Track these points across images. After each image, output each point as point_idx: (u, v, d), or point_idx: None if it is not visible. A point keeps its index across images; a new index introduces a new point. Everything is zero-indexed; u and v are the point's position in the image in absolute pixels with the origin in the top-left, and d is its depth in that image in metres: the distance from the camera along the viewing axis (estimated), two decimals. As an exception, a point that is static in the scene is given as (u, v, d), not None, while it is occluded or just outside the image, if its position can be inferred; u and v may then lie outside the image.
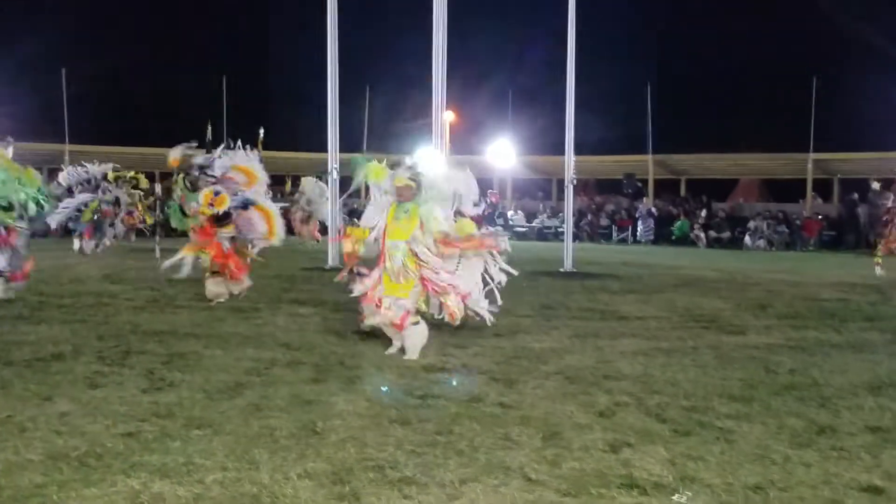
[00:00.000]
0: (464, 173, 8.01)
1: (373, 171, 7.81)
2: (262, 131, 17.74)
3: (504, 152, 34.25)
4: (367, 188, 8.21)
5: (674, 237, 30.25)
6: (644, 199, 33.46)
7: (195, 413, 5.43)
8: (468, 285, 7.81)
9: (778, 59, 38.67)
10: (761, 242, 28.94)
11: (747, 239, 29.22)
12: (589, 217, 32.91)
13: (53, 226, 17.34)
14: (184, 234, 12.02)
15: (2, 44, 34.54)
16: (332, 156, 16.95)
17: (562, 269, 16.65)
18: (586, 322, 9.72)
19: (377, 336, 8.04)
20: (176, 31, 41.50)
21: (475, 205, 8.10)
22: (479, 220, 27.95)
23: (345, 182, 22.98)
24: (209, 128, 17.12)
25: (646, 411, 5.70)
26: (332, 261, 16.16)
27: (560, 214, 28.35)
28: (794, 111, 33.45)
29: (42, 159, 24.41)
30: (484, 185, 36.34)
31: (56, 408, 5.47)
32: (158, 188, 25.90)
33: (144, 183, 22.13)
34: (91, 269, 14.64)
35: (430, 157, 12.90)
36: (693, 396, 6.13)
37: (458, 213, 7.95)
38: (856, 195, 29.61)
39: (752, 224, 29.76)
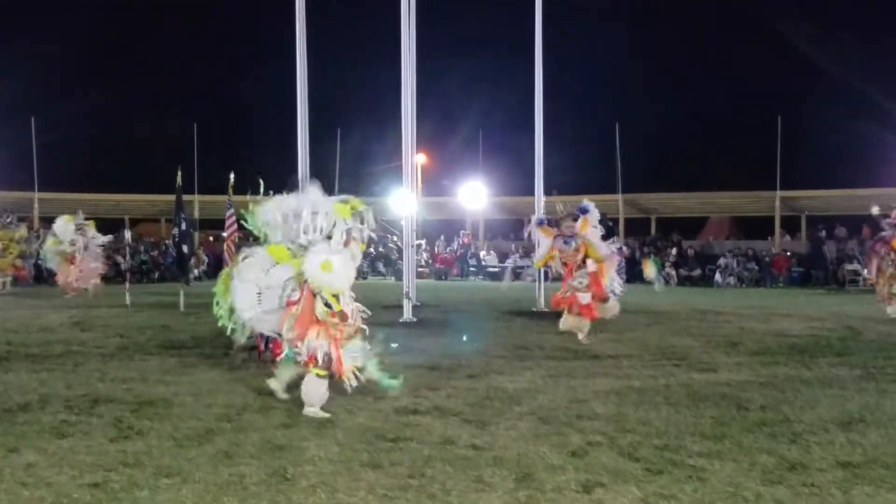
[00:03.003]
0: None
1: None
2: (232, 176, 17.70)
3: (475, 193, 34.44)
4: None
5: (646, 278, 30.34)
6: (615, 238, 33.66)
7: (164, 461, 5.35)
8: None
9: (744, 99, 39.40)
10: (731, 279, 29.17)
11: (717, 276, 29.44)
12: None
13: None
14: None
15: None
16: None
17: (535, 309, 16.70)
18: (560, 362, 9.72)
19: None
20: (146, 78, 41.57)
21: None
22: (452, 261, 28.16)
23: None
24: (179, 174, 17.06)
25: (618, 451, 5.69)
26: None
27: (532, 254, 28.43)
28: (761, 150, 33.98)
29: (12, 207, 24.20)
30: (456, 226, 36.64)
31: (22, 459, 5.38)
32: (128, 234, 25.79)
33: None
34: (62, 317, 14.46)
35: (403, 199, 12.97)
36: (665, 435, 6.14)
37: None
38: (823, 232, 30.02)
39: (722, 261, 30.00)
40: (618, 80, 40.73)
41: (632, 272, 30.74)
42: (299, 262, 6.89)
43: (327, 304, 6.80)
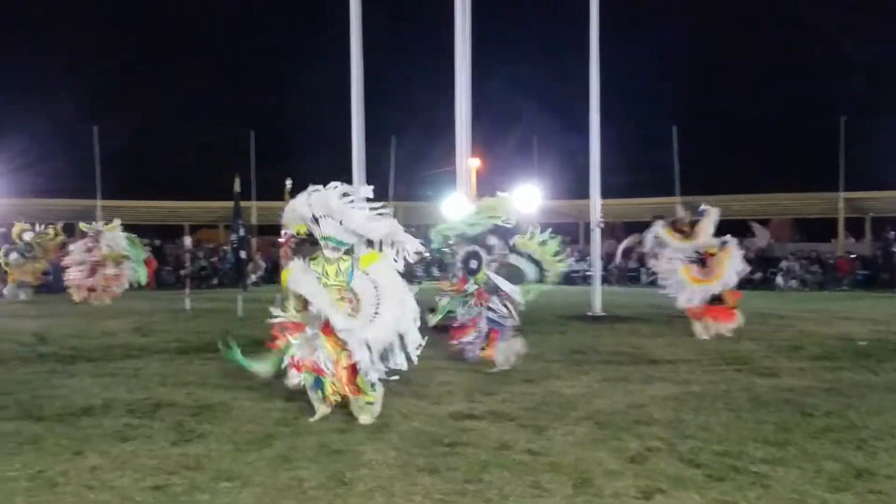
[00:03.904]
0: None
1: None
2: (289, 182, 17.88)
3: (530, 197, 34.28)
4: None
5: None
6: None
7: (224, 465, 5.42)
8: None
9: (806, 98, 38.64)
10: (793, 282, 28.61)
11: (779, 279, 28.89)
12: (617, 260, 32.71)
13: None
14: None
15: (37, 104, 35.43)
16: (359, 204, 17.04)
17: (590, 313, 16.56)
18: (616, 366, 9.63)
19: (402, 383, 8.01)
20: (204, 87, 42.28)
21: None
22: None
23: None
24: (237, 180, 17.28)
25: (678, 457, 5.61)
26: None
27: (587, 258, 28.23)
28: (824, 150, 33.29)
29: (75, 215, 24.80)
30: (510, 229, 36.51)
31: (86, 462, 5.49)
32: (188, 241, 26.21)
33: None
34: (122, 323, 14.75)
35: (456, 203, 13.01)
36: (726, 441, 6.03)
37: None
38: (892, 233, 29.25)
39: (784, 264, 29.44)
40: (675, 80, 40.22)
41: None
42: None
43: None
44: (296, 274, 6.70)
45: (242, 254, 18.08)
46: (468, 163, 16.04)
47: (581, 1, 17.74)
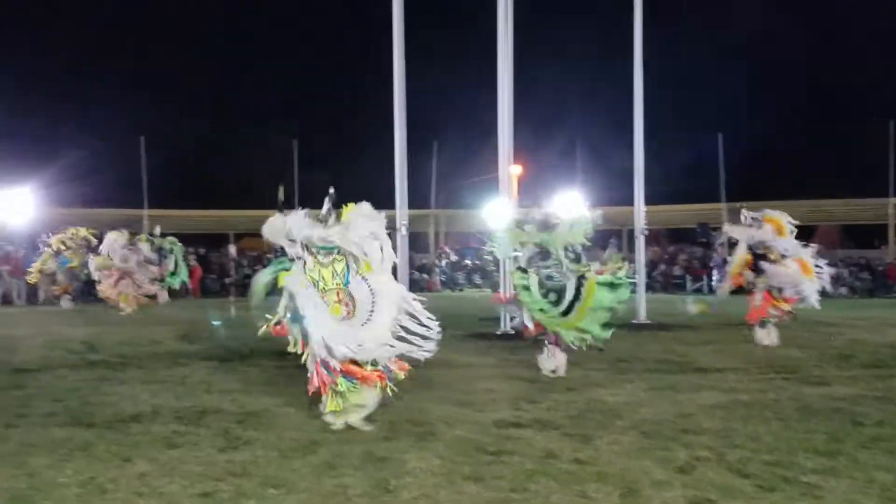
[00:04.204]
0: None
1: None
2: (332, 190, 18.00)
3: (571, 203, 34.10)
4: None
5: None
6: (717, 248, 32.85)
7: (270, 472, 5.45)
8: None
9: (854, 102, 38.02)
10: (843, 290, 28.13)
11: (828, 286, 28.38)
12: (661, 267, 32.44)
13: None
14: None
15: (85, 115, 36.10)
16: (401, 212, 17.08)
17: (635, 321, 16.40)
18: (662, 374, 9.53)
19: (446, 390, 8.03)
20: (248, 97, 42.75)
21: None
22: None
23: (413, 238, 23.20)
24: (281, 189, 17.41)
25: (727, 466, 5.52)
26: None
27: (631, 265, 28.04)
28: (873, 154, 32.73)
29: (122, 224, 25.18)
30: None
31: (135, 468, 5.55)
32: (233, 249, 26.49)
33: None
34: (169, 331, 14.93)
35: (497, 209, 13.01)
36: (776, 451, 5.93)
37: None
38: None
39: (832, 271, 28.94)
40: (720, 85, 39.81)
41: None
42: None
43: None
44: (292, 283, 6.75)
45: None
46: (510, 169, 16.00)
47: (625, 5, 17.64)
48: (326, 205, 7.26)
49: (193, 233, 33.63)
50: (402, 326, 6.95)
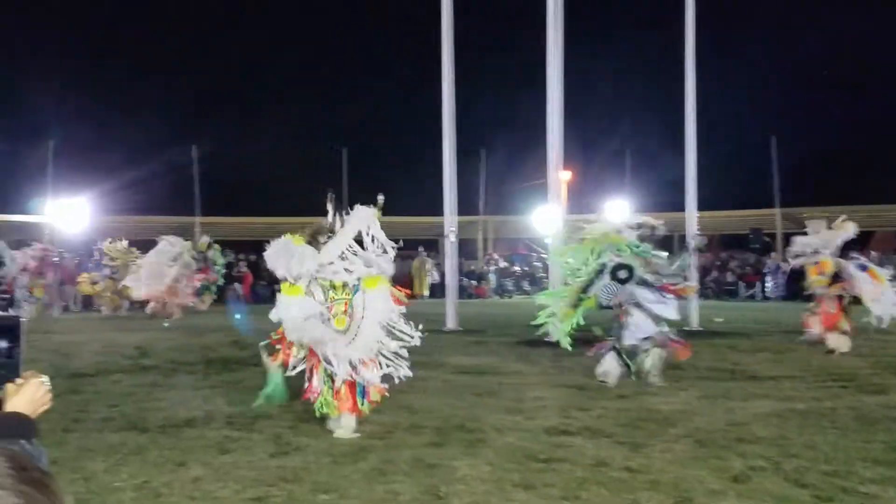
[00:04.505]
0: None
1: None
2: (381, 198, 18.09)
3: (622, 210, 33.85)
4: None
5: (807, 293, 28.96)
6: (772, 254, 32.35)
7: (321, 477, 5.47)
8: None
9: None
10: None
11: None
12: (714, 274, 32.01)
13: None
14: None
15: (137, 124, 36.74)
16: (450, 219, 17.12)
17: (687, 328, 16.18)
18: (715, 382, 9.39)
19: (495, 398, 8.00)
20: (297, 106, 43.14)
21: None
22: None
23: (462, 245, 23.22)
24: (330, 196, 17.54)
25: (784, 476, 5.42)
26: (450, 324, 16.19)
27: (683, 272, 27.71)
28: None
29: (175, 231, 25.59)
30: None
31: (189, 473, 5.61)
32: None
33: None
34: (220, 336, 15.10)
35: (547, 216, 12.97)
36: (834, 460, 5.80)
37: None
38: None
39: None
40: (774, 88, 39.22)
41: (792, 289, 29.57)
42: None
43: None
44: (283, 299, 6.90)
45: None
46: (559, 175, 15.93)
47: (676, 9, 17.49)
48: (331, 211, 7.51)
49: (244, 240, 34.03)
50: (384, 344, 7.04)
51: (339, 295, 6.98)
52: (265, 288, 29.38)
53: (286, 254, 7.01)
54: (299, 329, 6.78)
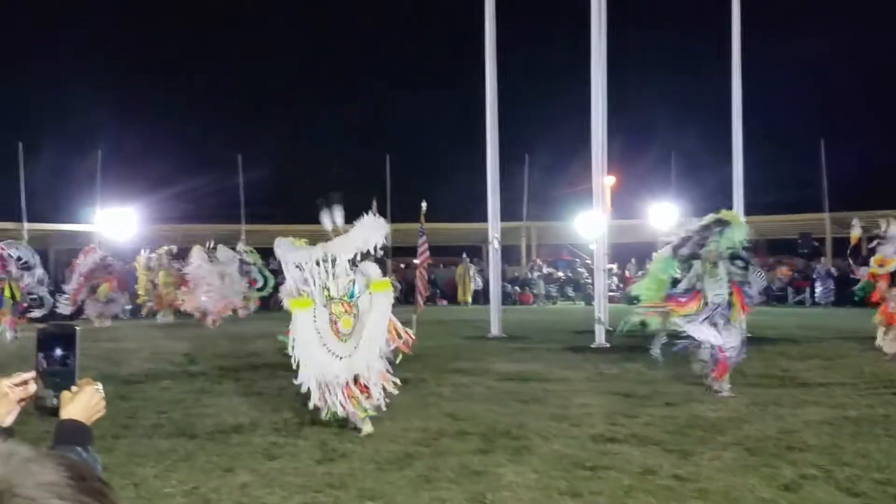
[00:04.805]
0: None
1: None
2: (424, 204, 18.16)
3: (666, 214, 33.53)
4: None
5: (857, 298, 28.44)
6: (822, 259, 31.82)
7: (367, 484, 5.48)
8: None
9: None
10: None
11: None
12: (764, 280, 31.54)
13: None
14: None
15: (182, 134, 37.30)
16: (493, 225, 17.09)
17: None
18: (764, 389, 9.24)
19: (541, 405, 7.95)
20: (342, 113, 43.46)
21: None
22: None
23: (505, 251, 23.17)
24: (374, 204, 17.63)
25: (836, 485, 5.32)
26: (494, 330, 16.15)
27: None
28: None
29: (220, 239, 25.88)
30: (647, 248, 35.79)
31: (237, 479, 5.65)
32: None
33: None
34: (266, 343, 15.21)
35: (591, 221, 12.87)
36: (887, 469, 5.68)
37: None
38: None
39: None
40: (822, 90, 38.57)
41: (842, 293, 29.04)
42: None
43: None
44: (298, 315, 7.33)
45: (379, 275, 18.39)
46: (604, 181, 15.82)
47: (721, 11, 17.30)
48: (328, 217, 7.77)
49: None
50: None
51: (337, 295, 7.28)
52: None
53: (289, 248, 7.55)
54: (303, 354, 7.26)
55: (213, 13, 43.63)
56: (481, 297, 27.94)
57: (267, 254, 20.87)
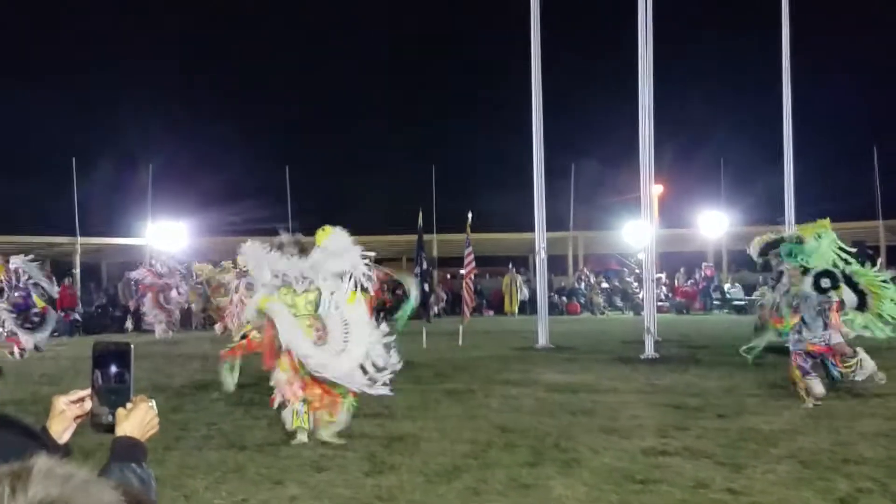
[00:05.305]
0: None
1: None
2: (470, 215, 18.20)
3: (716, 223, 33.14)
4: None
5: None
6: (877, 267, 31.18)
7: (415, 497, 5.47)
8: None
9: None
10: None
11: None
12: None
13: None
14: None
15: (232, 148, 37.79)
16: (540, 235, 17.03)
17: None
18: (820, 401, 9.05)
19: (590, 417, 7.88)
20: (387, 126, 43.76)
21: None
22: (694, 294, 26.88)
23: (552, 261, 23.08)
24: (420, 214, 17.71)
25: (891, 498, 5.21)
26: (542, 341, 16.07)
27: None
28: None
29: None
30: (696, 257, 35.39)
31: (286, 491, 5.68)
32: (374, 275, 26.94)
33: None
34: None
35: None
36: (947, 482, 5.53)
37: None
38: None
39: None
40: (874, 96, 37.88)
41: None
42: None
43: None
44: (274, 307, 7.23)
45: (426, 286, 18.46)
46: (652, 190, 15.69)
47: (771, 18, 17.08)
48: (286, 239, 7.77)
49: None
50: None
51: (301, 311, 7.35)
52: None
53: (258, 256, 7.56)
54: (289, 339, 7.08)
55: (262, 31, 44.28)
56: (528, 307, 27.83)
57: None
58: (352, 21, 45.78)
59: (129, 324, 24.51)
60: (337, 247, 7.51)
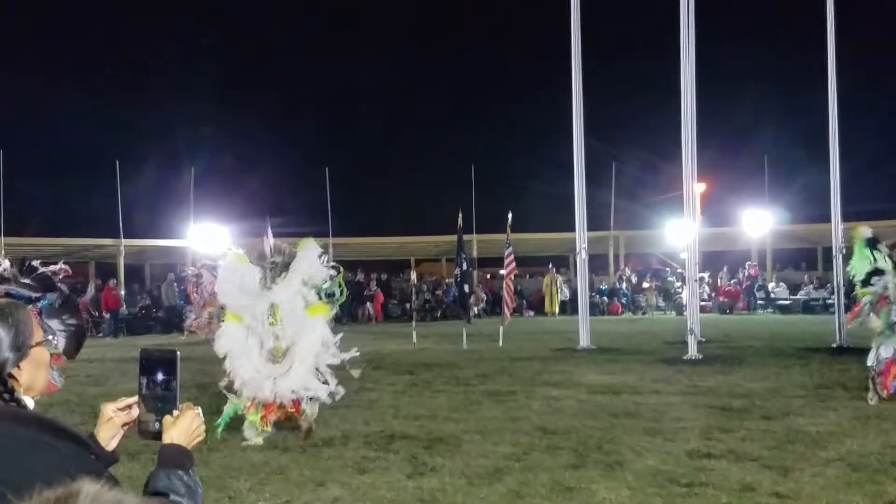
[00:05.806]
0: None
1: None
2: (510, 216, 18.15)
3: (760, 221, 32.68)
4: None
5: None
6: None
7: (458, 499, 5.46)
8: None
9: None
10: None
11: None
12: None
13: None
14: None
15: (272, 150, 38.13)
16: (581, 235, 16.92)
17: (834, 345, 15.44)
18: (868, 403, 8.88)
19: (633, 418, 7.80)
20: (427, 128, 43.84)
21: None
22: (737, 294, 26.53)
23: (593, 260, 22.92)
24: (460, 215, 17.70)
25: (947, 504, 5.07)
26: (583, 342, 15.97)
27: (828, 285, 26.55)
28: None
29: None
30: (740, 256, 34.92)
31: (329, 493, 5.70)
32: (414, 275, 27.06)
33: None
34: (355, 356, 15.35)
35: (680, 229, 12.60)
36: None
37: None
38: None
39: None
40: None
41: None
42: None
43: None
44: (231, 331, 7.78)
45: (465, 286, 18.45)
46: (694, 188, 15.51)
47: (815, 15, 16.80)
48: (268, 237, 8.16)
49: (375, 259, 34.66)
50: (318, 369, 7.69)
51: (276, 321, 7.62)
52: (396, 306, 29.91)
53: (233, 277, 7.82)
54: (234, 367, 7.64)
55: (301, 37, 44.57)
56: (568, 307, 27.70)
57: (353, 266, 21.11)
58: (388, 21, 46.00)
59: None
60: (302, 258, 7.87)
